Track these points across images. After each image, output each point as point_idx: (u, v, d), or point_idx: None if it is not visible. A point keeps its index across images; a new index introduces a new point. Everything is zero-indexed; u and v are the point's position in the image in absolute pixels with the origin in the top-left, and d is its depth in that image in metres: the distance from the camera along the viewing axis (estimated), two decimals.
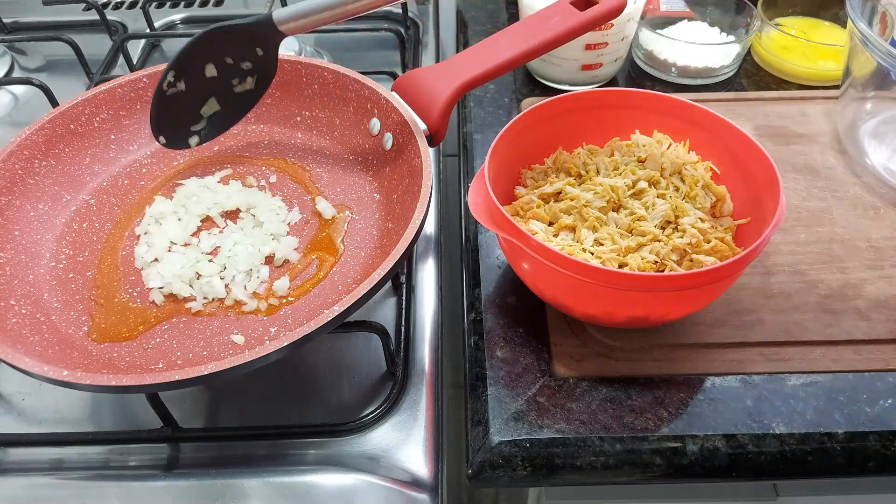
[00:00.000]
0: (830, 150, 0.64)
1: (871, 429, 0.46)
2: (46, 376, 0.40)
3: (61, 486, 0.46)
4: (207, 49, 0.54)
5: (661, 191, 0.52)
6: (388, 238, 0.53)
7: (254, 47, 0.55)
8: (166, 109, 0.55)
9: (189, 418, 0.48)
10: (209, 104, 0.57)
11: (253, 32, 0.54)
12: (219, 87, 0.56)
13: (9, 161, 0.53)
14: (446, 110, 0.54)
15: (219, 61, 0.55)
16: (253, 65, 0.56)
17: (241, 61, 0.56)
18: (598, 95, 0.55)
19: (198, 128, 0.57)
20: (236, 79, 0.56)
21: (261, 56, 0.55)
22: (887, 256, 0.55)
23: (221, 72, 0.55)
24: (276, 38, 0.54)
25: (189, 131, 0.57)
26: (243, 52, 0.55)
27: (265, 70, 0.57)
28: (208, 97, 0.56)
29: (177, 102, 0.55)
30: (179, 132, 0.57)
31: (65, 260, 0.54)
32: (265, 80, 0.57)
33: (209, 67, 0.55)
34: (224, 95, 0.57)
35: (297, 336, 0.41)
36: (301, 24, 0.53)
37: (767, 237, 0.44)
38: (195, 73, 0.55)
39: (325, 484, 0.45)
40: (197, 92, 0.56)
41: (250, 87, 0.57)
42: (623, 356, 0.50)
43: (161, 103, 0.55)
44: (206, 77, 0.55)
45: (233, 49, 0.55)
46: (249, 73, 0.56)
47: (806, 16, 0.77)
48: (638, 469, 0.46)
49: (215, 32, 0.54)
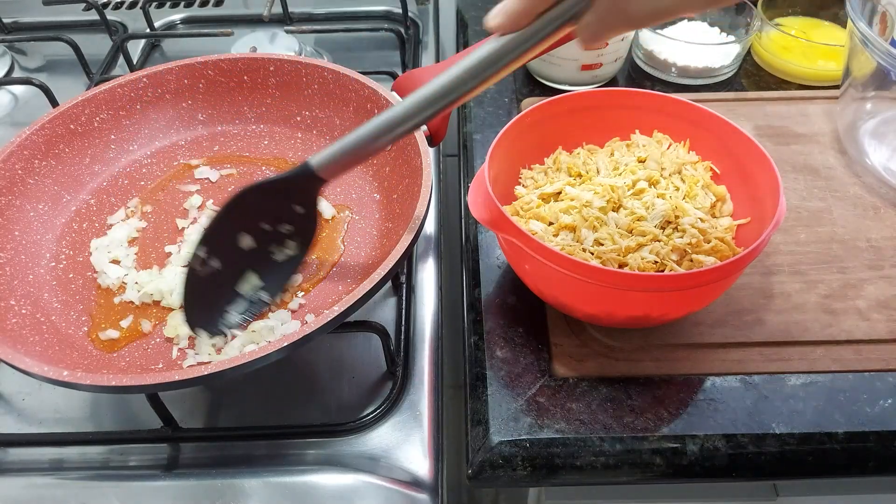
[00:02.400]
0: (830, 150, 0.64)
1: (871, 429, 0.46)
2: (46, 376, 0.40)
3: (61, 486, 0.46)
4: (240, 215, 0.46)
5: (661, 191, 0.52)
6: (388, 238, 0.53)
7: (291, 204, 0.46)
8: (201, 292, 0.47)
9: (189, 418, 0.48)
10: (248, 280, 0.48)
11: (290, 186, 0.45)
12: (257, 260, 0.48)
13: (9, 161, 0.53)
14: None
15: (254, 229, 0.47)
16: (293, 226, 0.47)
17: (279, 224, 0.47)
18: (598, 95, 0.55)
19: (236, 309, 0.48)
20: (275, 244, 0.48)
21: (301, 214, 0.47)
22: (887, 256, 0.55)
23: (259, 241, 0.47)
24: (316, 189, 0.45)
25: (223, 312, 0.48)
26: (281, 213, 0.47)
27: (307, 228, 0.48)
28: (245, 272, 0.48)
29: (212, 283, 0.47)
30: (213, 313, 0.47)
31: (65, 260, 0.54)
32: (308, 238, 0.48)
33: (245, 239, 0.47)
34: (264, 267, 0.48)
35: (297, 336, 0.41)
36: (340, 165, 0.44)
37: (767, 237, 0.44)
38: (230, 245, 0.47)
39: (325, 484, 0.45)
40: (232, 268, 0.47)
41: (292, 253, 0.48)
42: (623, 356, 0.50)
43: (194, 285, 0.46)
44: (241, 250, 0.47)
45: (269, 211, 0.47)
46: (289, 237, 0.48)
47: (806, 16, 0.77)
48: (638, 469, 0.46)
49: (248, 193, 0.46)
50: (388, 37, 0.79)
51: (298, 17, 0.84)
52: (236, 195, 0.46)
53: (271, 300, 0.48)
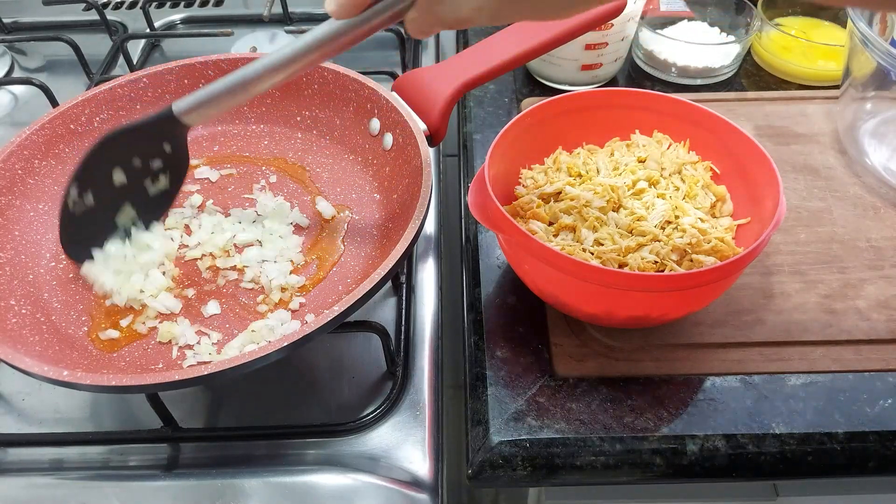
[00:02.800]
0: (830, 150, 0.64)
1: (871, 429, 0.46)
2: (46, 376, 0.40)
3: (61, 486, 0.46)
4: (111, 154, 0.50)
5: (661, 191, 0.52)
6: (388, 238, 0.53)
7: (160, 144, 0.51)
8: (78, 228, 0.51)
9: (189, 418, 0.48)
10: (124, 212, 0.53)
11: (156, 129, 0.50)
12: (131, 193, 0.52)
13: (9, 161, 0.53)
14: (446, 110, 0.54)
15: (126, 165, 0.51)
16: (163, 162, 0.53)
17: (149, 160, 0.52)
18: (598, 95, 0.55)
19: (114, 237, 0.53)
20: (148, 179, 0.53)
21: (169, 152, 0.52)
22: (887, 256, 0.55)
23: (131, 176, 0.52)
24: (182, 132, 0.51)
25: (102, 243, 0.52)
26: (151, 151, 0.52)
27: (178, 165, 0.53)
28: (121, 205, 0.53)
29: (89, 218, 0.51)
30: (93, 243, 0.52)
31: (65, 260, 0.54)
32: (179, 175, 0.54)
33: (117, 173, 0.51)
34: (138, 200, 0.53)
35: (297, 336, 0.41)
36: (203, 112, 0.49)
37: (767, 237, 0.44)
38: (102, 182, 0.51)
39: (325, 484, 0.45)
40: (109, 202, 0.52)
41: (164, 187, 0.54)
42: (623, 356, 0.50)
43: (70, 224, 0.51)
44: (115, 186, 0.51)
45: (139, 150, 0.51)
46: (161, 171, 0.53)
47: (806, 16, 0.77)
48: (638, 469, 0.46)
49: (116, 136, 0.50)
50: (388, 37, 0.79)
51: (298, 17, 0.84)
52: (103, 138, 0.50)
53: (146, 229, 0.54)
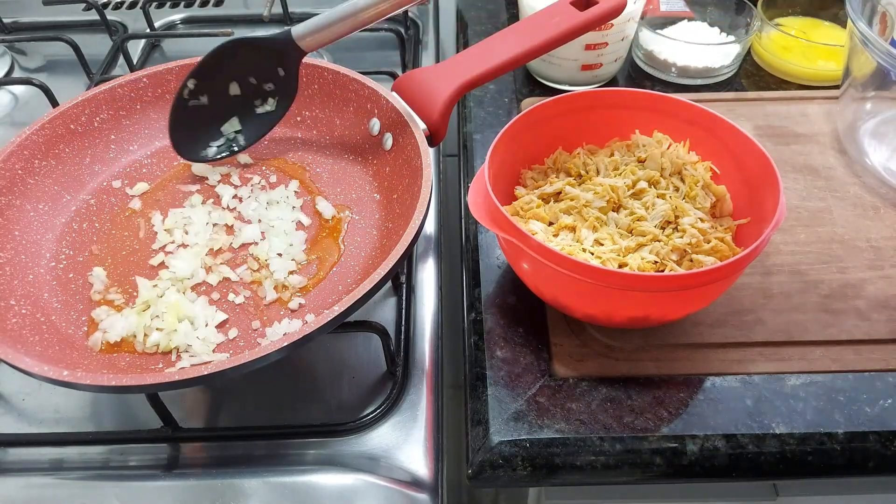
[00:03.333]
0: (830, 150, 0.64)
1: (871, 429, 0.46)
2: (46, 376, 0.40)
3: (61, 486, 0.46)
4: (230, 64, 0.54)
5: (661, 191, 0.52)
6: (388, 238, 0.53)
7: (276, 66, 0.55)
8: (186, 120, 0.55)
9: (189, 418, 0.48)
10: (231, 123, 0.57)
11: (274, 49, 0.54)
12: (241, 107, 0.57)
13: (9, 161, 0.53)
14: (446, 110, 0.54)
15: (243, 80, 0.55)
16: (275, 86, 0.56)
17: (264, 81, 0.56)
18: (598, 95, 0.55)
19: (216, 143, 0.58)
20: (259, 99, 0.57)
21: (282, 76, 0.55)
22: (887, 256, 0.55)
23: (245, 91, 0.56)
24: (297, 56, 0.54)
25: (206, 145, 0.58)
26: (266, 72, 0.55)
27: (287, 91, 0.57)
28: (230, 116, 0.57)
29: (198, 115, 0.56)
30: (197, 143, 0.57)
31: (65, 260, 0.54)
32: (286, 101, 0.57)
33: (233, 86, 0.56)
34: (246, 115, 0.57)
35: (297, 336, 0.41)
36: (319, 38, 0.52)
37: (767, 237, 0.44)
38: (219, 88, 0.55)
39: (325, 484, 0.45)
40: (220, 108, 0.56)
41: (271, 109, 0.58)
42: (623, 356, 0.50)
43: (181, 112, 0.55)
44: (230, 95, 0.56)
45: (256, 68, 0.55)
46: (271, 94, 0.57)
47: (806, 16, 0.77)
48: (638, 469, 0.46)
49: (237, 44, 0.53)
50: (388, 37, 0.79)
51: (298, 17, 0.84)
52: (227, 42, 0.53)
53: (245, 146, 0.58)
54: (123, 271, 0.53)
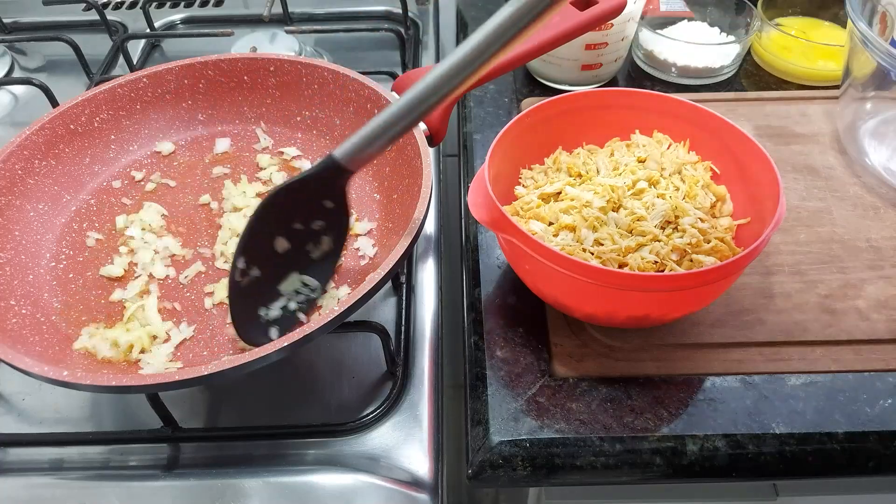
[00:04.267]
0: (830, 150, 0.64)
1: (871, 429, 0.46)
2: (46, 376, 0.40)
3: (61, 486, 0.46)
4: (272, 218, 0.47)
5: (661, 191, 0.52)
6: (388, 238, 0.53)
7: (321, 200, 0.47)
8: (245, 303, 0.47)
9: (189, 418, 0.48)
10: (289, 281, 0.48)
11: (318, 182, 0.46)
12: (295, 260, 0.48)
13: (9, 161, 0.53)
14: (446, 110, 0.54)
15: (288, 231, 0.47)
16: (325, 222, 0.48)
17: (311, 222, 0.47)
18: (598, 95, 0.55)
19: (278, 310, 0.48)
20: (311, 244, 0.48)
21: (330, 209, 0.47)
22: (887, 256, 0.55)
23: (294, 241, 0.48)
24: (344, 181, 0.46)
25: (270, 318, 0.48)
26: (311, 211, 0.47)
27: (339, 222, 0.48)
28: (287, 274, 0.48)
29: (254, 291, 0.47)
30: (261, 320, 0.48)
31: (65, 260, 0.54)
32: (342, 234, 0.49)
33: (279, 242, 0.47)
34: (303, 266, 0.49)
35: (297, 336, 0.41)
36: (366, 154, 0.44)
37: (767, 237, 0.44)
38: (266, 251, 0.47)
39: (325, 484, 0.45)
40: (273, 272, 0.48)
41: (328, 249, 0.49)
42: (623, 356, 0.50)
43: (238, 297, 0.47)
44: (279, 254, 0.48)
45: (300, 209, 0.47)
46: (324, 233, 0.48)
47: (806, 16, 0.77)
48: (638, 469, 0.46)
49: (277, 196, 0.46)
50: (388, 37, 0.79)
51: (298, 17, 0.84)
52: (266, 199, 0.46)
53: (319, 295, 0.49)
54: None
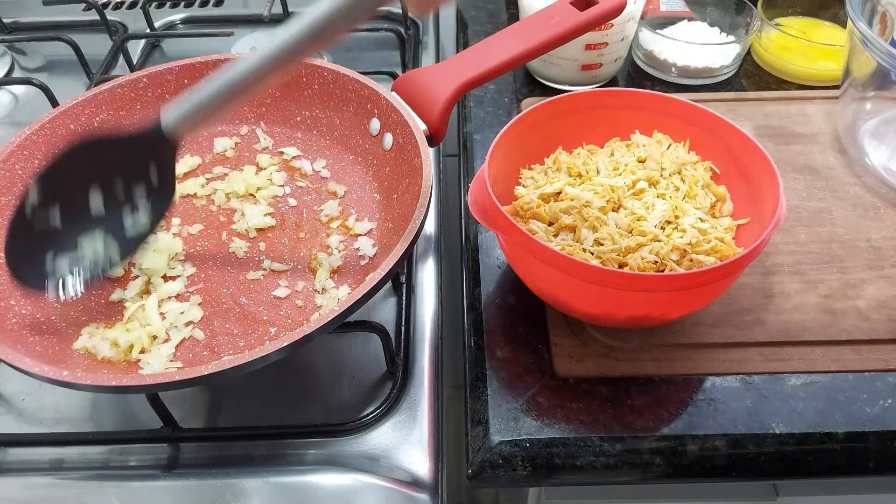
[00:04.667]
0: (830, 150, 0.64)
1: (871, 429, 0.46)
2: (46, 376, 0.40)
3: (61, 486, 0.46)
4: (88, 166, 0.44)
5: (661, 191, 0.52)
6: (388, 238, 0.53)
7: (146, 164, 0.44)
8: (30, 240, 0.44)
9: (189, 418, 0.48)
10: (90, 238, 0.46)
11: (138, 144, 0.43)
12: (106, 219, 0.46)
13: (9, 161, 0.53)
14: (446, 110, 0.54)
15: (105, 186, 0.45)
16: (147, 190, 0.45)
17: (133, 186, 0.45)
18: (598, 95, 0.55)
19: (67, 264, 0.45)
20: (127, 210, 0.46)
21: (154, 179, 0.45)
22: (887, 256, 0.55)
23: (110, 201, 0.45)
24: (172, 152, 0.44)
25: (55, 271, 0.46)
26: (134, 174, 0.45)
27: (162, 197, 0.46)
28: (90, 230, 0.46)
29: (47, 234, 0.44)
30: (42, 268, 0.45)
31: None
32: (162, 205, 0.46)
33: (94, 195, 0.44)
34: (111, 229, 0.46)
35: (297, 336, 0.41)
36: (194, 121, 0.42)
37: (767, 237, 0.44)
38: (74, 197, 0.44)
39: (325, 484, 0.45)
40: (76, 223, 0.45)
41: (143, 222, 0.46)
42: (623, 356, 0.50)
43: (21, 231, 0.44)
44: (89, 206, 0.45)
45: (121, 168, 0.44)
46: (143, 201, 0.46)
47: (806, 16, 0.77)
48: (638, 469, 0.46)
49: (93, 143, 0.43)
50: (388, 37, 0.79)
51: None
52: (79, 142, 0.43)
53: (109, 270, 0.47)
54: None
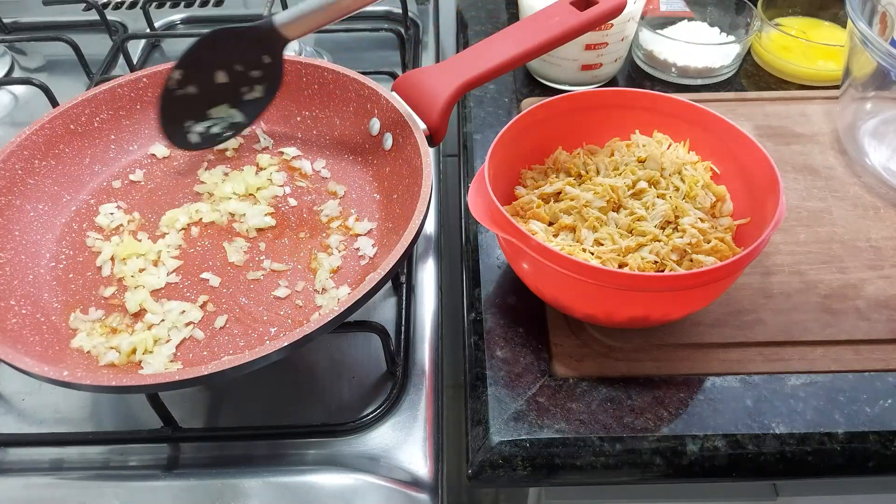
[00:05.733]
0: (830, 150, 0.64)
1: (871, 429, 0.46)
2: (46, 376, 0.40)
3: (61, 486, 0.46)
4: (216, 53, 0.55)
5: (661, 191, 0.52)
6: (388, 238, 0.53)
7: (261, 54, 0.55)
8: (175, 110, 0.56)
9: (189, 418, 0.48)
10: (219, 109, 0.57)
11: (257, 37, 0.54)
12: (230, 94, 0.57)
13: (9, 161, 0.53)
14: (446, 110, 0.54)
15: (229, 68, 0.56)
16: (262, 73, 0.56)
17: (250, 69, 0.56)
18: (598, 95, 0.55)
19: (203, 127, 0.57)
20: (246, 87, 0.57)
21: (268, 63, 0.56)
22: (887, 256, 0.55)
23: (232, 78, 0.56)
24: (280, 44, 0.54)
25: (196, 132, 0.58)
26: (252, 60, 0.56)
27: (273, 78, 0.57)
28: (219, 103, 0.57)
29: (187, 104, 0.56)
30: (188, 132, 0.57)
31: (65, 260, 0.54)
32: (273, 88, 0.57)
33: (220, 74, 0.56)
34: (234, 102, 0.57)
35: (297, 336, 0.41)
36: (302, 25, 0.53)
37: (767, 237, 0.44)
38: (206, 77, 0.56)
39: (325, 484, 0.45)
40: (207, 96, 0.56)
41: (259, 95, 0.57)
42: (623, 356, 0.50)
43: (169, 103, 0.56)
44: (216, 83, 0.56)
45: (241, 55, 0.55)
46: (258, 81, 0.57)
47: (806, 16, 0.77)
48: (638, 469, 0.46)
49: (220, 34, 0.54)
50: (388, 37, 0.79)
51: None
52: (210, 32, 0.54)
53: (234, 133, 0.58)
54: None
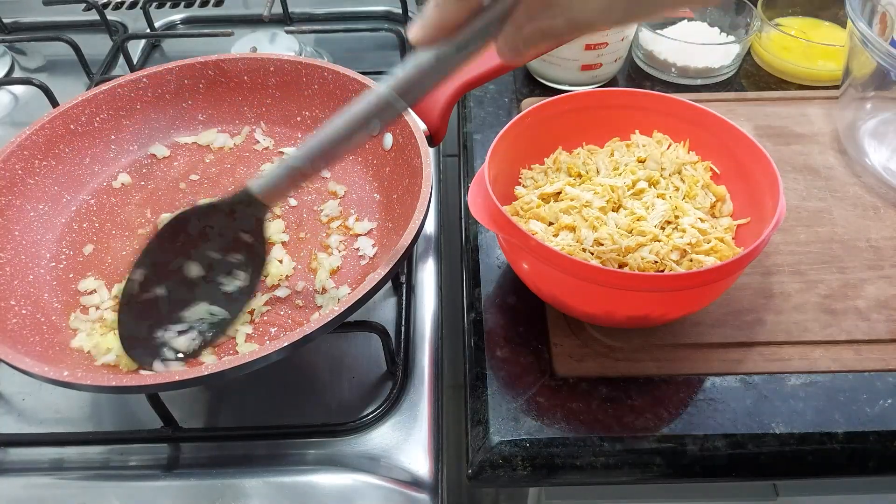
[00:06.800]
0: (830, 150, 0.64)
1: (871, 429, 0.46)
2: (46, 376, 0.40)
3: (61, 486, 0.46)
4: (181, 240, 0.46)
5: (661, 191, 0.52)
6: (388, 238, 0.53)
7: (238, 231, 0.46)
8: (140, 319, 0.46)
9: (189, 418, 0.48)
10: (195, 310, 0.47)
11: (231, 211, 0.45)
12: (207, 291, 0.47)
13: (9, 161, 0.53)
14: (446, 110, 0.54)
15: (201, 257, 0.47)
16: (243, 256, 0.47)
17: (228, 253, 0.47)
18: (598, 95, 0.55)
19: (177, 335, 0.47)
20: (225, 276, 0.47)
21: (249, 242, 0.46)
22: (887, 256, 0.55)
23: (208, 271, 0.47)
24: (261, 215, 0.45)
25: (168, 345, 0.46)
26: (228, 241, 0.46)
27: (256, 259, 0.47)
28: (195, 302, 0.47)
29: (153, 309, 0.46)
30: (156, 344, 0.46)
31: (65, 260, 0.54)
32: (258, 270, 0.48)
33: (192, 267, 0.47)
34: (215, 297, 0.47)
35: (297, 336, 0.41)
36: (281, 189, 0.43)
37: (767, 237, 0.44)
38: (173, 273, 0.46)
39: (325, 484, 0.45)
40: (180, 298, 0.47)
41: (243, 284, 0.47)
42: (623, 356, 0.50)
43: (131, 313, 0.46)
44: (189, 279, 0.47)
45: (215, 238, 0.46)
46: (240, 268, 0.47)
47: (806, 16, 0.77)
48: (638, 469, 0.46)
49: (185, 217, 0.45)
50: (388, 37, 0.79)
51: (298, 17, 0.84)
52: (173, 219, 0.46)
53: (223, 332, 0.48)
54: (123, 272, 0.53)
